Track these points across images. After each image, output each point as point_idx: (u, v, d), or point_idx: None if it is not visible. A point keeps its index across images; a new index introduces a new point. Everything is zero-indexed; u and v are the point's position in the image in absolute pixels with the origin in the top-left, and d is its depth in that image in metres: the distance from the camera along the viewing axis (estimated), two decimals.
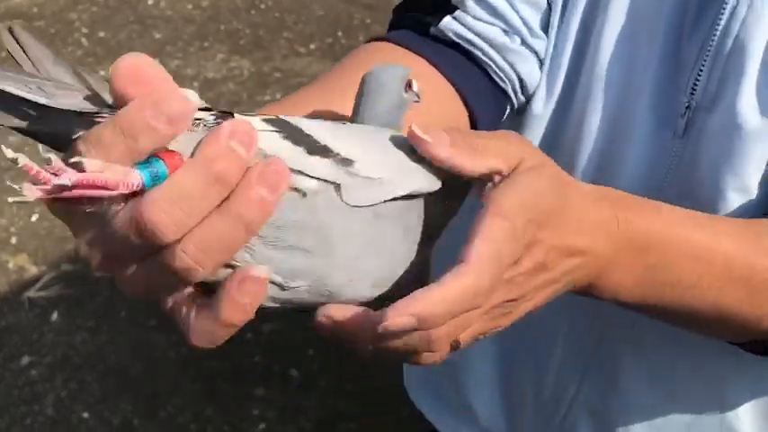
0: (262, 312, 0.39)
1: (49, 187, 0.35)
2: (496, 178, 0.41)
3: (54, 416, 1.72)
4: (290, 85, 2.61)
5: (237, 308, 0.35)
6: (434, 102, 0.56)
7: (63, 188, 0.34)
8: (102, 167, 0.34)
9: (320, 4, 3.09)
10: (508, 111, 0.65)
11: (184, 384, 1.79)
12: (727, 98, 0.55)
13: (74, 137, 0.36)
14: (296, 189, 0.37)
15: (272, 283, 0.37)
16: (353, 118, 0.45)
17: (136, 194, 0.35)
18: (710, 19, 0.56)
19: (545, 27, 0.63)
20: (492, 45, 0.61)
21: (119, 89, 0.35)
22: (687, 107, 0.57)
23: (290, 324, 1.89)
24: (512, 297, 0.41)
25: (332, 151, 0.39)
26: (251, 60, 2.72)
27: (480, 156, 0.41)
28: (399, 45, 0.60)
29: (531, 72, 0.63)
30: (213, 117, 0.37)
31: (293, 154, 0.37)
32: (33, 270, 2.03)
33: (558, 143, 0.64)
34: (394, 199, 0.40)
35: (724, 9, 0.55)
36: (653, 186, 0.59)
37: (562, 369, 0.69)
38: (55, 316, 1.92)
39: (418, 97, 0.46)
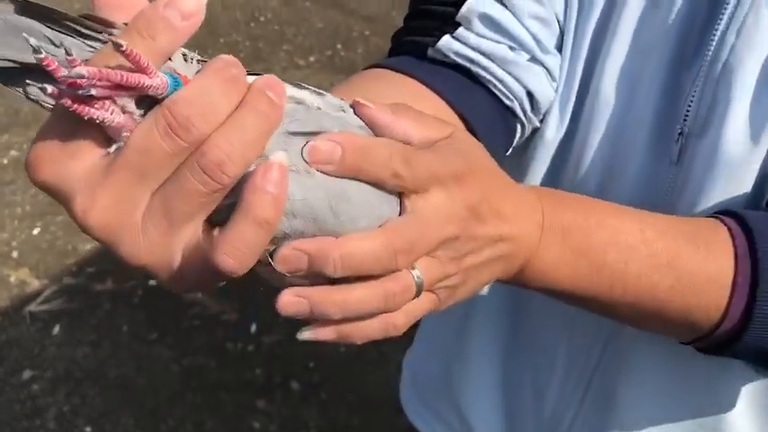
0: (262, 322, 0.39)
1: (64, 85, 0.34)
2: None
3: (56, 430, 1.72)
4: None
5: (265, 198, 0.36)
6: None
7: (79, 86, 0.34)
8: (106, 70, 0.35)
9: (319, 16, 3.11)
10: (519, 131, 0.64)
11: (186, 397, 1.79)
12: (716, 124, 0.56)
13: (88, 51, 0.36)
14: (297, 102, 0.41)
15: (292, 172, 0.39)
16: None
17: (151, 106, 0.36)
18: (706, 46, 0.57)
19: (558, 48, 0.62)
20: (496, 61, 0.60)
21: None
22: (680, 133, 0.58)
23: (290, 336, 1.89)
24: (450, 234, 0.43)
25: (325, 95, 0.43)
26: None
27: (421, 122, 0.43)
28: (397, 71, 0.60)
29: (542, 89, 0.62)
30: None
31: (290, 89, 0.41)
32: (35, 284, 2.03)
33: (561, 167, 0.64)
34: None
35: (714, 36, 0.56)
36: (649, 211, 0.59)
37: (562, 389, 0.69)
38: (56, 330, 1.92)
39: None
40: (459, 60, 0.60)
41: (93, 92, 0.34)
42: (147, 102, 0.37)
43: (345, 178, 0.40)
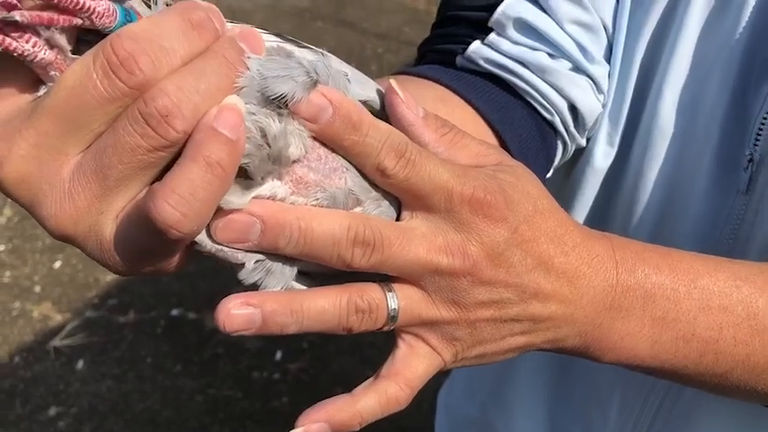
0: (287, 348, 0.36)
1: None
2: None
3: None
4: None
5: (219, 138, 0.30)
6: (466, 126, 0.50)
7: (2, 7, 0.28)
8: None
9: (332, 35, 3.10)
10: (561, 150, 0.57)
11: (213, 428, 1.77)
12: None
13: None
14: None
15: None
16: None
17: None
18: None
19: (607, 59, 0.55)
20: (533, 69, 0.53)
21: None
22: (750, 161, 0.51)
23: (316, 363, 1.86)
24: (442, 265, 0.36)
25: (317, 50, 0.37)
26: None
27: (451, 147, 0.37)
28: (425, 77, 0.53)
29: (588, 101, 0.54)
30: None
31: (283, 44, 0.35)
32: (58, 318, 2.02)
33: (612, 200, 0.58)
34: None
35: None
36: (714, 246, 0.54)
37: None
38: (80, 364, 1.91)
39: None
40: (490, 68, 0.53)
41: (18, 17, 0.28)
42: (90, 42, 0.30)
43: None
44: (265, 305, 0.35)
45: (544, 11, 0.53)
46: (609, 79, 0.55)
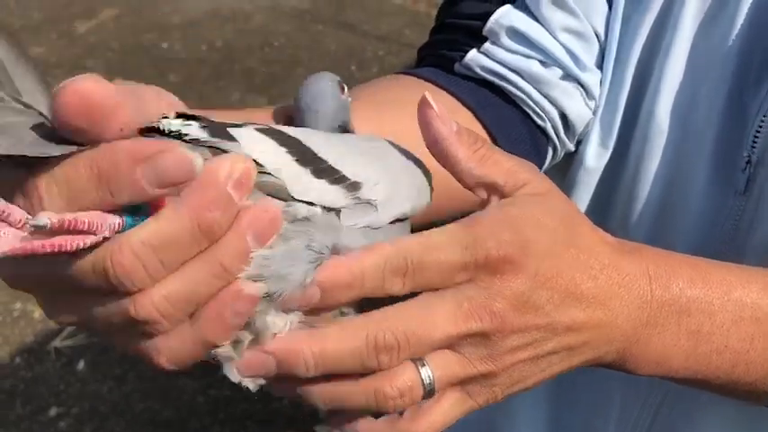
0: None
1: (23, 234, 0.28)
2: (493, 199, 0.38)
3: None
4: None
5: (224, 326, 0.31)
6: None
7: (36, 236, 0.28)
8: (72, 218, 0.28)
9: (332, 38, 3.10)
10: (551, 154, 0.59)
11: (214, 428, 1.77)
12: None
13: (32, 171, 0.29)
14: (290, 216, 0.33)
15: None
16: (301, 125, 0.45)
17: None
18: None
19: (599, 65, 0.57)
20: (526, 77, 0.55)
21: (65, 121, 0.28)
22: (747, 162, 0.52)
23: None
24: (471, 330, 0.35)
25: (338, 173, 0.36)
26: (267, 98, 2.73)
27: (483, 164, 0.37)
28: (426, 80, 0.55)
29: (578, 110, 0.56)
30: (204, 131, 0.32)
31: (298, 175, 0.34)
32: None
33: (610, 200, 0.59)
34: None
35: None
36: (712, 246, 0.54)
37: None
38: (81, 365, 1.91)
39: (350, 98, 0.47)
40: (486, 75, 0.55)
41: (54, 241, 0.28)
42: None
43: None
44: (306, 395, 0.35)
45: (536, 19, 0.54)
46: (601, 85, 0.56)
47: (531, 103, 0.55)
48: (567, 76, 0.55)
